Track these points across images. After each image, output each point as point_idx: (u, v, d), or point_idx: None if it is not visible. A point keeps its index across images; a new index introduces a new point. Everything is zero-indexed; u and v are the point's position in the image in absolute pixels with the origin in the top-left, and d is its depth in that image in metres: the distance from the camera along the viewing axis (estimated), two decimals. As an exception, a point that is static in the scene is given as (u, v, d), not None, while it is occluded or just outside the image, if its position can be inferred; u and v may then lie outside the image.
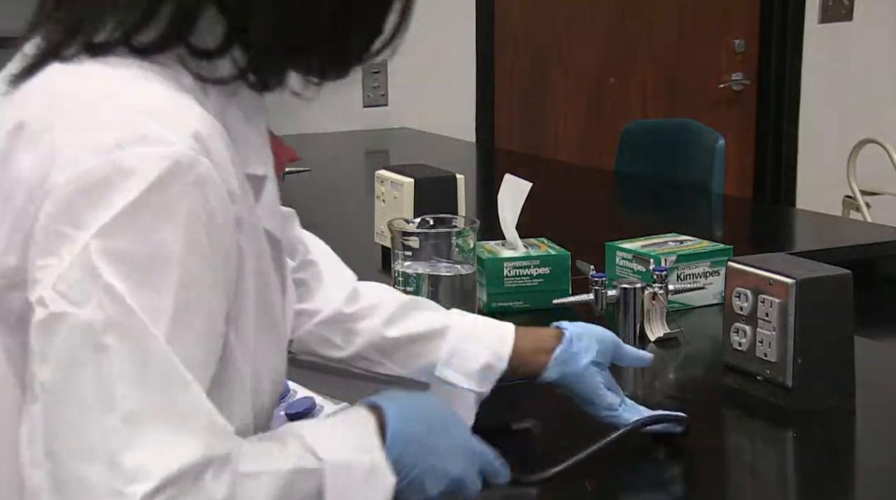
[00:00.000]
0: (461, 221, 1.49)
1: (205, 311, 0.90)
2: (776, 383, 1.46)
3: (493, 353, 1.33)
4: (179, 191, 0.88)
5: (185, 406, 0.86)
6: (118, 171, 0.87)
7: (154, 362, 0.86)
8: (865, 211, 4.20)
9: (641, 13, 4.40)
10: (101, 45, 0.94)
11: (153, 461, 0.84)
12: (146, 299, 0.86)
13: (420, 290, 1.41)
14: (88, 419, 0.84)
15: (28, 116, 0.93)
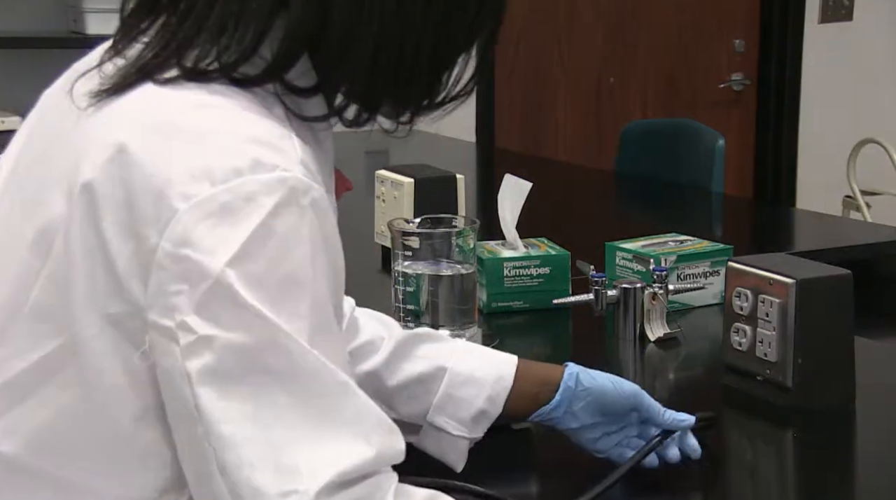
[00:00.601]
0: (461, 221, 1.49)
1: (334, 331, 0.92)
2: (776, 383, 1.46)
3: (489, 399, 1.28)
4: (299, 215, 0.90)
5: (350, 411, 0.89)
6: (239, 197, 0.88)
7: (311, 372, 0.88)
8: (865, 211, 4.20)
9: (641, 13, 4.40)
10: (201, 71, 0.95)
11: (324, 461, 0.87)
12: (286, 319, 0.88)
13: (420, 290, 1.41)
14: (254, 432, 0.87)
15: (130, 139, 0.91)
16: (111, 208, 0.90)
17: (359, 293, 2.11)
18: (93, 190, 0.91)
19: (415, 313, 1.42)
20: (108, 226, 0.90)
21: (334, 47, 0.97)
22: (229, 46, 0.95)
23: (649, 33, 4.43)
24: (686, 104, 4.47)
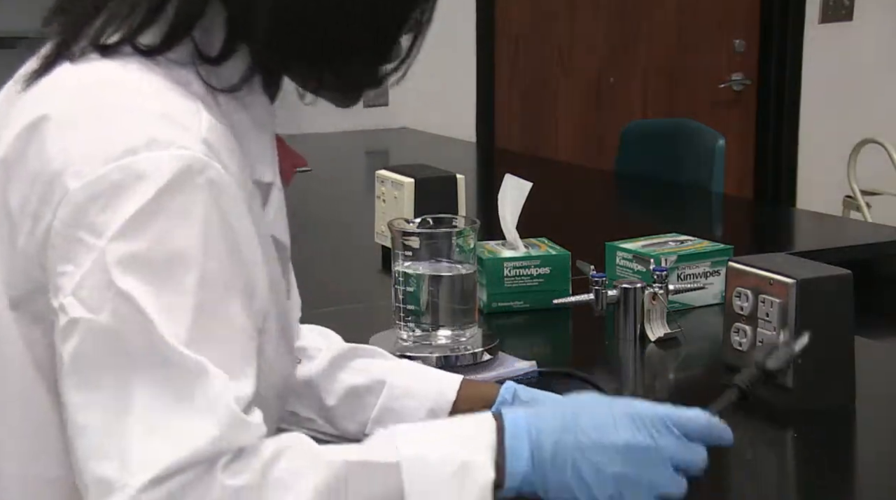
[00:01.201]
0: (461, 221, 1.49)
1: (225, 311, 0.90)
2: (777, 383, 1.46)
3: (431, 412, 1.23)
4: (192, 193, 0.89)
5: (200, 401, 0.86)
6: (130, 175, 0.88)
7: (169, 361, 0.86)
8: (866, 211, 4.20)
9: (642, 13, 4.40)
10: (110, 45, 0.95)
11: (160, 452, 0.84)
12: (165, 299, 0.87)
13: (420, 290, 1.41)
14: (107, 421, 0.85)
15: (50, 110, 0.93)
16: (17, 185, 0.91)
17: (359, 293, 2.12)
18: (6, 166, 0.92)
19: (415, 313, 1.42)
20: (14, 203, 0.91)
21: (236, 8, 0.96)
22: (129, 15, 0.95)
23: (649, 33, 4.43)
24: (686, 104, 4.47)
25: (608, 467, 0.91)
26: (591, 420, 0.93)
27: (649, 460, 0.92)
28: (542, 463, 0.91)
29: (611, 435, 0.92)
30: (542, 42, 4.29)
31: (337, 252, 2.43)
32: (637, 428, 0.93)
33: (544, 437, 0.92)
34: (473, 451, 0.91)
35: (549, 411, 0.94)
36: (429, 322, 1.43)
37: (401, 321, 1.43)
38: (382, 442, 0.93)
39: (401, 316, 1.43)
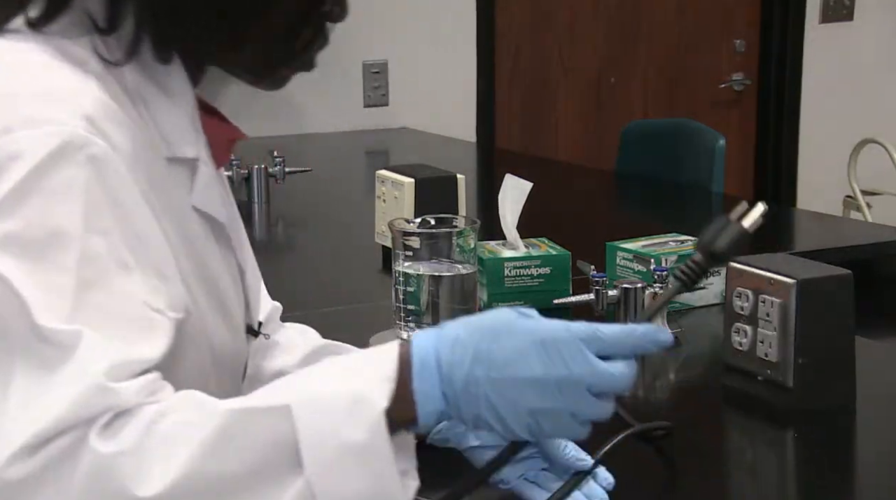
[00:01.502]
0: (462, 221, 1.49)
1: (112, 286, 0.88)
2: (777, 383, 1.46)
3: None
4: (71, 169, 0.88)
5: (69, 370, 0.83)
6: (5, 154, 0.87)
7: (46, 339, 0.84)
8: (866, 211, 4.20)
9: (642, 13, 4.40)
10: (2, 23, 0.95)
11: (25, 425, 0.82)
12: (41, 278, 0.85)
13: (420, 290, 1.41)
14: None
15: None
16: None
17: (359, 293, 2.12)
18: None
19: (415, 313, 1.42)
20: None
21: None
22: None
23: (650, 33, 4.43)
24: (686, 104, 4.47)
25: (522, 402, 0.85)
26: (503, 353, 0.86)
27: (565, 390, 0.85)
28: (454, 398, 0.86)
29: (522, 370, 0.85)
30: (543, 42, 4.29)
31: (337, 252, 2.43)
32: (550, 358, 0.85)
33: (455, 371, 0.86)
34: (368, 382, 0.85)
35: (462, 338, 0.87)
36: (429, 322, 1.42)
37: (401, 321, 1.43)
38: (276, 387, 0.89)
39: (401, 316, 1.43)
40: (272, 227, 2.77)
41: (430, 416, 0.87)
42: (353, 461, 0.83)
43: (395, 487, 0.84)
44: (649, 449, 1.33)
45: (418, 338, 0.88)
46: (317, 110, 3.84)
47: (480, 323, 0.87)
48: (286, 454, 0.83)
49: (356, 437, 0.83)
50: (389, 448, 0.83)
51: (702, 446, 1.34)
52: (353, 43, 3.91)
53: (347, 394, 0.84)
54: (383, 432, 0.83)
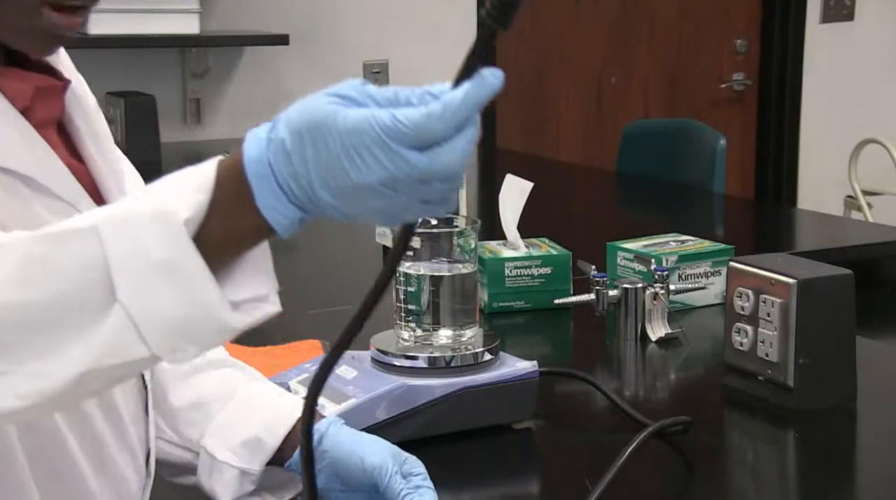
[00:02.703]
0: (462, 221, 1.48)
1: None
2: (777, 383, 1.46)
3: (267, 426, 1.14)
4: None
5: None
6: None
7: None
8: (867, 211, 4.20)
9: (643, 13, 4.40)
10: None
11: None
12: None
13: (421, 290, 1.41)
14: None
15: None
16: None
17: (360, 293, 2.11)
18: None
19: (416, 313, 1.42)
20: None
21: None
22: None
23: (650, 33, 4.43)
24: (687, 104, 4.47)
25: (366, 204, 0.77)
26: (325, 164, 0.77)
27: (399, 187, 0.76)
28: (303, 206, 0.79)
29: (345, 179, 0.76)
30: (544, 42, 4.29)
31: (338, 252, 2.43)
32: (366, 164, 0.76)
33: (293, 183, 0.78)
34: (174, 194, 0.79)
35: (288, 148, 0.78)
36: (430, 322, 1.42)
37: (402, 321, 1.43)
38: (87, 213, 0.83)
39: (402, 316, 1.43)
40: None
41: (288, 228, 0.80)
42: (162, 280, 0.78)
43: (216, 304, 0.79)
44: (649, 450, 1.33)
45: (250, 148, 0.79)
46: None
47: (299, 126, 0.77)
48: (98, 277, 0.78)
49: (160, 252, 0.77)
50: (198, 262, 0.78)
51: (702, 446, 1.34)
52: (354, 43, 3.91)
53: (151, 209, 0.79)
54: (186, 244, 0.78)
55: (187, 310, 0.78)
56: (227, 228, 0.79)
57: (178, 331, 0.79)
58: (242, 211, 0.79)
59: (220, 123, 3.77)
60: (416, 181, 0.76)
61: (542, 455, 1.39)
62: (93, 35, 3.38)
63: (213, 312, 0.79)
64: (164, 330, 0.79)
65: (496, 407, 1.36)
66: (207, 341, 0.81)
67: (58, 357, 0.79)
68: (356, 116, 0.76)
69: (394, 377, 1.35)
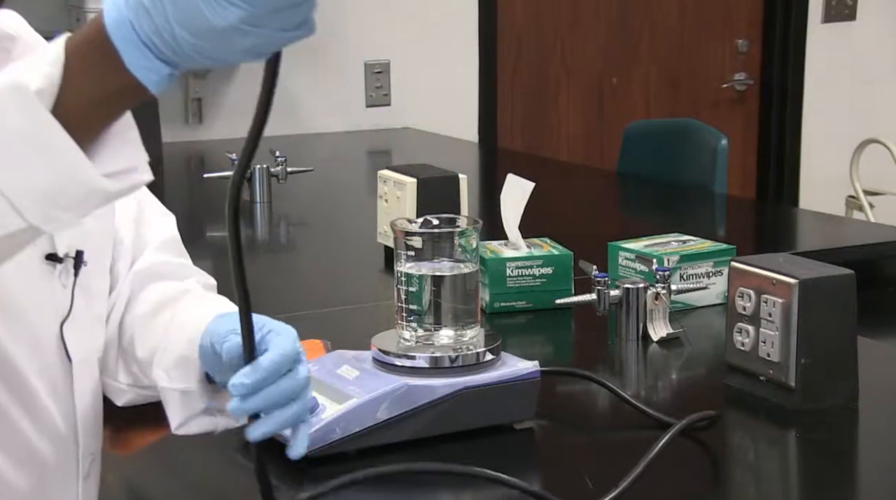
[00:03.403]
0: (464, 221, 1.48)
1: None
2: (779, 383, 1.46)
3: (189, 341, 1.13)
4: None
5: None
6: None
7: None
8: (868, 211, 4.19)
9: (644, 13, 4.40)
10: None
11: None
12: None
13: (422, 290, 1.41)
14: None
15: None
16: None
17: (361, 293, 2.12)
18: None
19: (417, 312, 1.42)
20: None
21: None
22: None
23: (652, 33, 4.43)
24: (688, 104, 4.47)
25: (222, 50, 0.79)
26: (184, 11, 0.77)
27: (257, 28, 0.78)
28: (167, 57, 0.79)
29: (205, 24, 0.77)
30: (545, 42, 4.29)
31: (339, 252, 2.43)
32: (222, 6, 0.76)
33: (155, 38, 0.79)
34: (29, 67, 0.81)
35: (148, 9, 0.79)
36: (431, 322, 1.42)
37: (403, 321, 1.43)
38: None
39: (403, 316, 1.43)
40: (274, 227, 2.77)
41: (154, 81, 0.81)
42: (25, 151, 0.80)
43: (84, 170, 0.81)
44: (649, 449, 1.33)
45: (110, 11, 0.80)
46: (319, 110, 3.84)
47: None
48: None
49: (17, 124, 0.79)
50: (56, 130, 0.80)
51: (703, 446, 1.34)
52: (355, 43, 3.91)
53: (3, 84, 0.80)
54: (41, 113, 0.79)
55: (54, 178, 0.81)
56: (89, 94, 0.81)
57: (49, 200, 0.81)
58: (106, 75, 0.81)
59: (222, 123, 3.77)
60: (274, 11, 0.78)
61: (543, 455, 1.39)
62: (94, 35, 3.38)
63: (80, 177, 0.81)
64: (36, 200, 0.81)
65: (497, 407, 1.36)
66: (81, 207, 0.83)
67: None
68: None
69: (395, 377, 1.35)
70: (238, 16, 0.77)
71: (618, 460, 1.37)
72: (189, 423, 1.15)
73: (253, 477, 1.05)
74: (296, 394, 1.03)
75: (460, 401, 1.34)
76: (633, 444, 1.41)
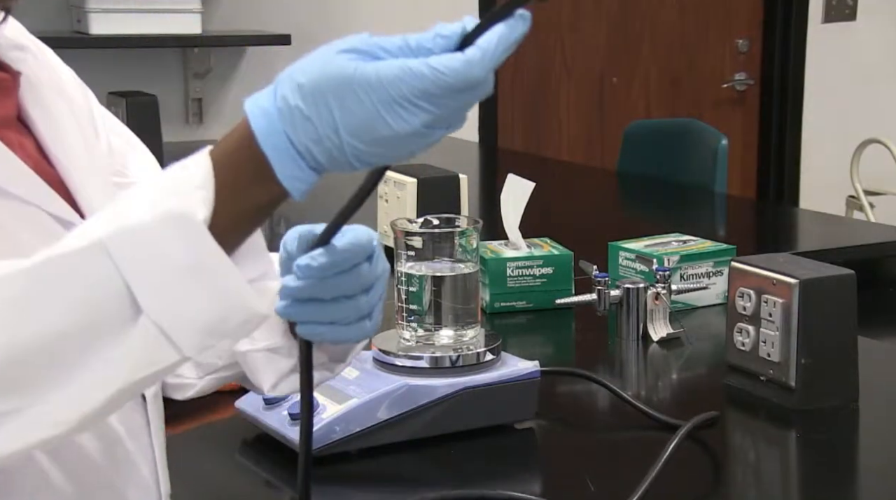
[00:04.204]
0: (464, 220, 1.48)
1: None
2: (779, 383, 1.46)
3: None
4: None
5: None
6: None
7: None
8: (869, 211, 4.20)
9: (644, 13, 4.40)
10: None
11: None
12: None
13: (423, 290, 1.41)
14: None
15: None
16: None
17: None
18: None
19: (418, 313, 1.42)
20: None
21: None
22: None
23: (652, 33, 4.43)
24: (689, 104, 4.47)
25: (395, 152, 0.78)
26: (354, 119, 0.76)
27: (433, 130, 0.77)
28: (320, 165, 0.79)
29: (384, 131, 0.76)
30: (545, 42, 4.29)
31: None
32: (410, 113, 0.76)
33: (315, 148, 0.78)
34: (180, 192, 0.77)
35: (305, 111, 0.77)
36: (431, 322, 1.42)
37: (403, 321, 1.42)
38: (85, 227, 0.79)
39: (403, 316, 1.43)
40: (274, 226, 2.77)
41: (302, 191, 0.81)
42: (188, 284, 0.76)
43: (246, 298, 0.78)
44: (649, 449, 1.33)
45: (260, 125, 0.78)
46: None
47: (318, 89, 0.76)
48: (115, 294, 0.76)
49: (182, 258, 0.75)
50: (223, 260, 0.76)
51: (704, 446, 1.34)
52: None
53: (161, 214, 0.76)
54: (210, 245, 0.76)
55: (218, 308, 0.77)
56: (239, 210, 0.79)
57: (209, 330, 0.78)
58: (256, 189, 0.78)
59: (222, 123, 3.77)
60: (457, 110, 0.77)
61: (543, 455, 1.39)
62: (94, 35, 3.38)
63: (243, 305, 0.78)
64: (195, 332, 0.77)
65: (498, 407, 1.36)
66: (238, 333, 0.80)
67: (91, 380, 0.77)
68: (388, 68, 0.76)
69: (395, 377, 1.35)
70: (423, 120, 0.76)
71: (618, 460, 1.37)
72: (280, 383, 1.05)
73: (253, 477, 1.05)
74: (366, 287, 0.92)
75: (460, 401, 1.34)
76: (633, 444, 1.41)
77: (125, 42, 3.48)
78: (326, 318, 0.90)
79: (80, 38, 3.40)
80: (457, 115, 0.78)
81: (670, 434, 1.29)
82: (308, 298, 0.89)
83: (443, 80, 0.76)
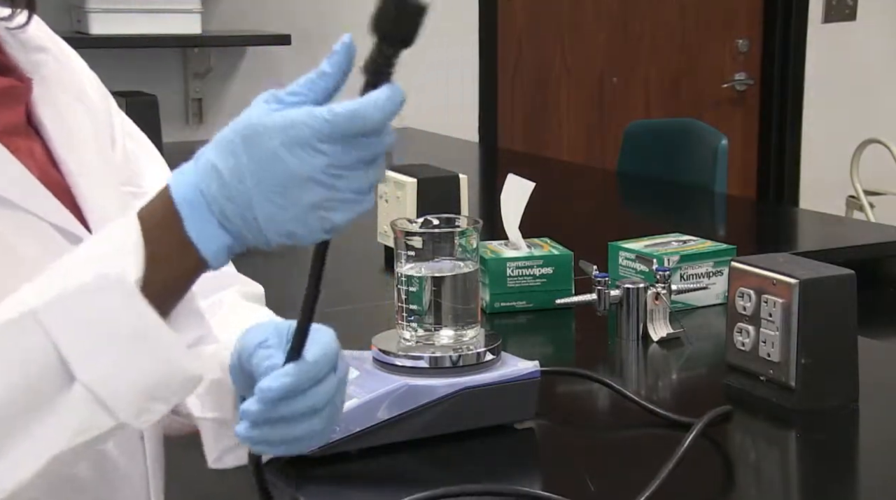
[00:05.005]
0: (464, 220, 1.48)
1: None
2: (779, 383, 1.46)
3: (221, 365, 0.99)
4: None
5: None
6: None
7: None
8: (869, 211, 4.20)
9: (644, 13, 4.40)
10: None
11: None
12: None
13: (423, 290, 1.41)
14: None
15: None
16: None
17: (361, 294, 2.11)
18: None
19: (418, 313, 1.42)
20: None
21: None
22: None
23: (652, 33, 4.43)
24: (689, 104, 4.47)
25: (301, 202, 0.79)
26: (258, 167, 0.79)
27: (337, 179, 0.79)
28: (237, 230, 0.79)
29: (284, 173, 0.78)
30: (545, 42, 4.29)
31: (339, 252, 2.42)
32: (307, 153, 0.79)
33: (226, 204, 0.79)
34: (110, 256, 0.78)
35: (218, 166, 0.80)
36: (431, 322, 1.42)
37: (403, 321, 1.42)
38: (18, 296, 0.79)
39: (403, 316, 1.43)
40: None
41: (218, 255, 0.80)
42: (122, 349, 0.77)
43: (182, 361, 0.78)
44: (649, 449, 1.33)
45: (177, 182, 0.80)
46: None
47: (229, 139, 0.81)
48: (48, 363, 0.76)
49: (115, 323, 0.76)
50: (158, 323, 0.77)
51: (704, 446, 1.34)
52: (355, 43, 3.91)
53: (92, 280, 0.76)
54: (143, 308, 0.77)
55: (153, 372, 0.78)
56: (169, 274, 0.80)
57: (146, 394, 0.78)
58: (182, 252, 0.79)
59: (223, 123, 3.72)
60: (352, 162, 0.80)
61: (543, 455, 1.39)
62: (94, 35, 3.38)
63: (179, 369, 0.79)
64: (131, 398, 0.78)
65: (498, 407, 1.36)
66: (176, 397, 0.80)
67: (26, 448, 0.77)
68: (296, 113, 0.80)
69: (395, 377, 1.35)
70: (321, 163, 0.78)
71: (619, 460, 1.37)
72: (224, 457, 1.04)
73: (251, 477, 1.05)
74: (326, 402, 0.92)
75: (460, 401, 1.34)
76: (634, 443, 1.41)
77: (125, 42, 3.48)
78: (290, 435, 0.89)
79: (81, 38, 3.40)
80: (357, 168, 0.80)
81: (674, 432, 1.29)
82: (277, 418, 0.88)
83: (337, 121, 0.81)
